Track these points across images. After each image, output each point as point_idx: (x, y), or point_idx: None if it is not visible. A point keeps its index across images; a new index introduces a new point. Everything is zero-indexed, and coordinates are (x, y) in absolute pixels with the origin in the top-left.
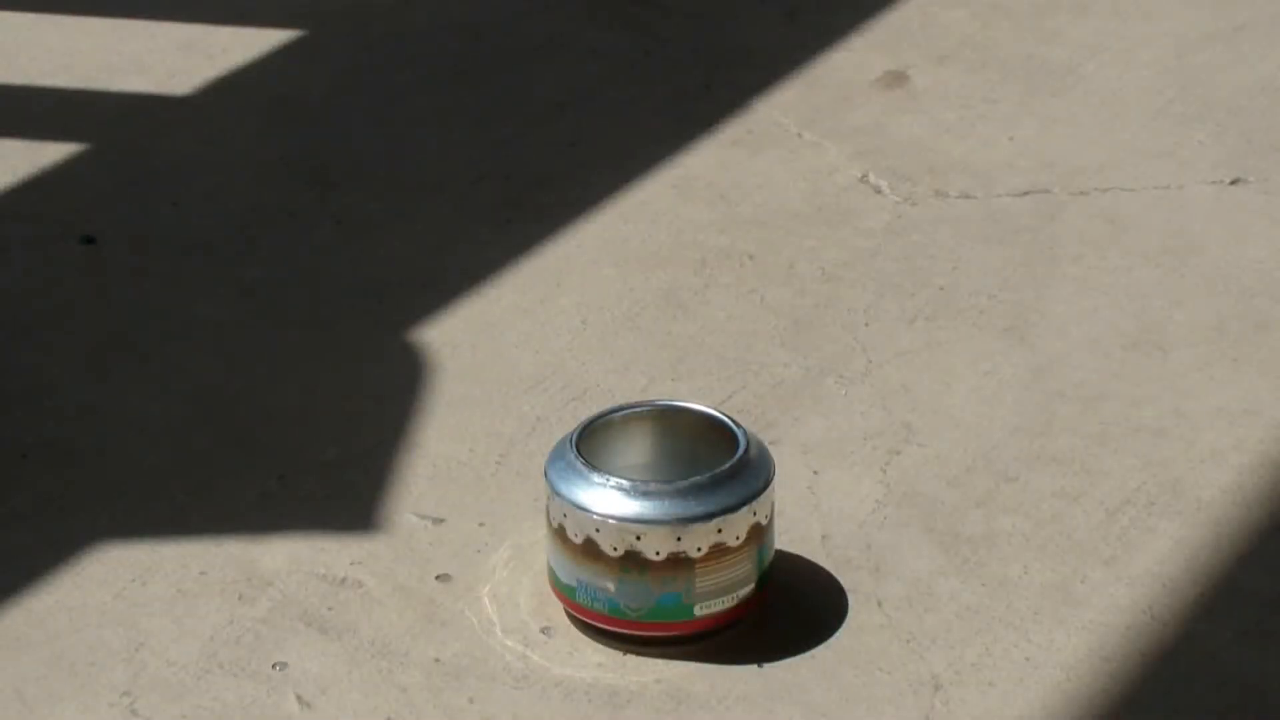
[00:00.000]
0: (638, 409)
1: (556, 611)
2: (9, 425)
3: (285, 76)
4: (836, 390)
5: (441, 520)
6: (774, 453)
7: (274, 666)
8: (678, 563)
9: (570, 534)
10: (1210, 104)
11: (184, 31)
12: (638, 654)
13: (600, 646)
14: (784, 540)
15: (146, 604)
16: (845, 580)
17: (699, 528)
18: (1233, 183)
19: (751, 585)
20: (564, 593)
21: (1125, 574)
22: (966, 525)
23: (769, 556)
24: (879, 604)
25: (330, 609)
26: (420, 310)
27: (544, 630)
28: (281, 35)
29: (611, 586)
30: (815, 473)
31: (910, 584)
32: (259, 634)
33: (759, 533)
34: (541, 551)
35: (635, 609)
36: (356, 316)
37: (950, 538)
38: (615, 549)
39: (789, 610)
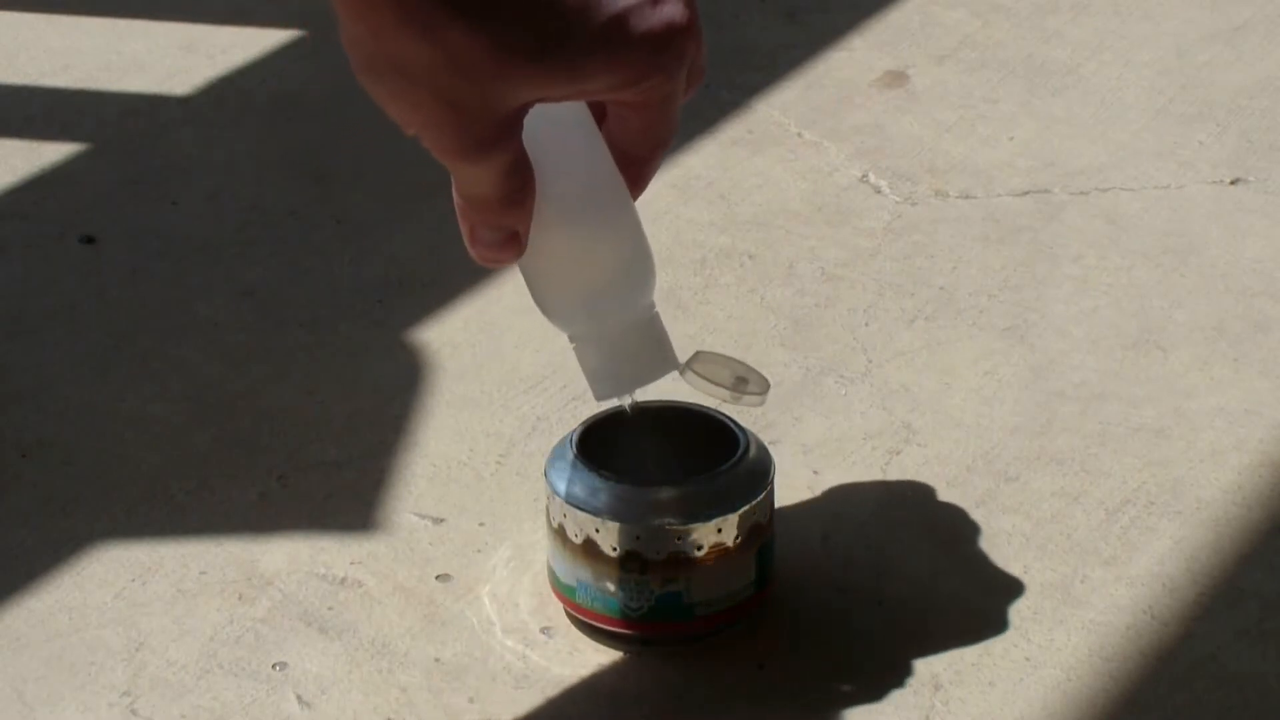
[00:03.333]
0: (639, 408)
1: (556, 611)
2: (9, 425)
3: (285, 76)
4: (836, 390)
5: (441, 520)
6: (774, 453)
7: (274, 666)
8: (678, 563)
9: (570, 534)
10: (1210, 104)
11: (184, 31)
12: (638, 654)
13: (600, 646)
14: (784, 540)
15: (146, 604)
16: (845, 580)
17: (699, 528)
18: (1233, 183)
19: (751, 585)
20: (564, 593)
21: (1125, 574)
22: (966, 525)
23: (769, 556)
24: (879, 604)
25: (330, 609)
26: (420, 310)
27: (544, 630)
28: (281, 35)
29: (611, 586)
30: (815, 473)
31: (911, 584)
32: (259, 634)
33: (759, 533)
34: (541, 551)
35: (635, 609)
36: (356, 316)
37: (950, 538)
38: (615, 549)
39: (789, 610)
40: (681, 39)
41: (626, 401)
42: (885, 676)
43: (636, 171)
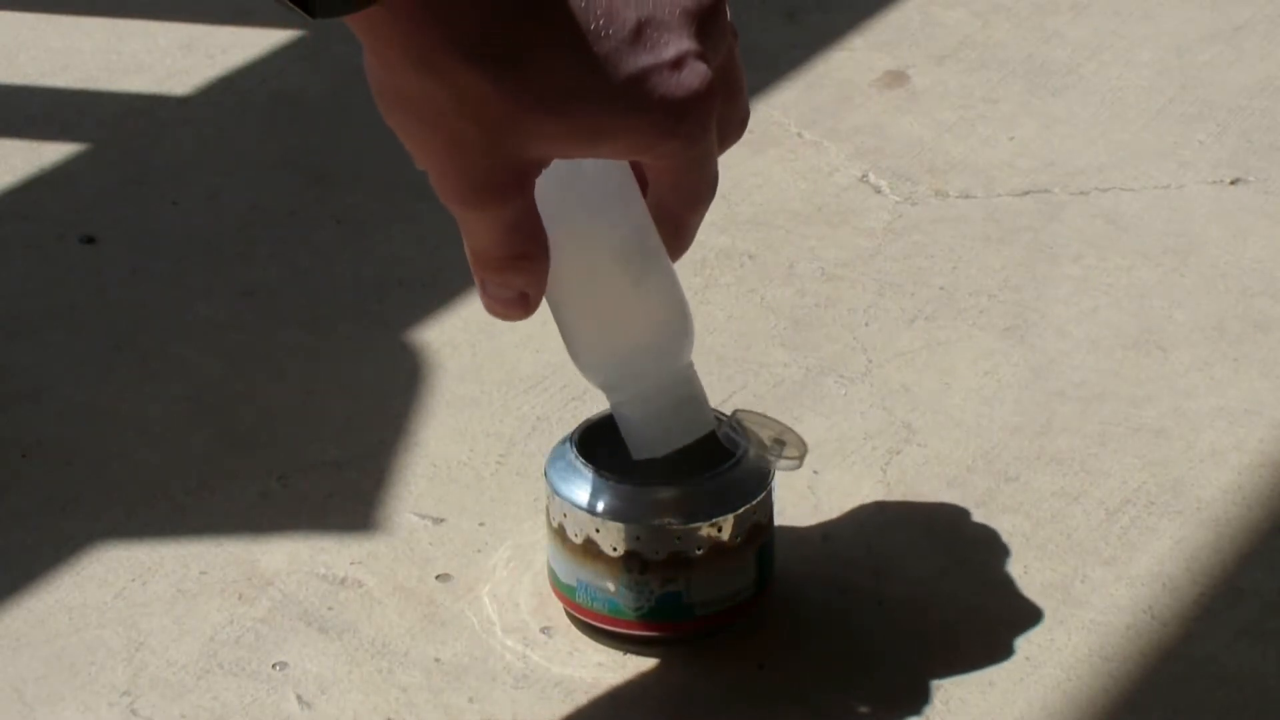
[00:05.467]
0: None
1: (556, 611)
2: (9, 425)
3: (285, 76)
4: (836, 390)
5: (441, 520)
6: None
7: (274, 666)
8: (678, 563)
9: (570, 534)
10: (1210, 104)
11: (184, 31)
12: (638, 654)
13: (600, 646)
14: (784, 540)
15: (146, 604)
16: (845, 580)
17: (699, 528)
18: (1233, 183)
19: (752, 586)
20: (564, 593)
21: (1125, 574)
22: (966, 525)
23: (770, 556)
24: (879, 604)
25: (330, 609)
26: (420, 310)
27: (544, 630)
28: (281, 35)
29: (611, 586)
30: (815, 473)
31: (911, 584)
32: (259, 634)
33: (759, 533)
34: (541, 551)
35: (635, 609)
36: (356, 316)
37: (950, 538)
38: (615, 549)
39: (789, 610)
40: (702, 107)
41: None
42: (885, 677)
43: (673, 228)
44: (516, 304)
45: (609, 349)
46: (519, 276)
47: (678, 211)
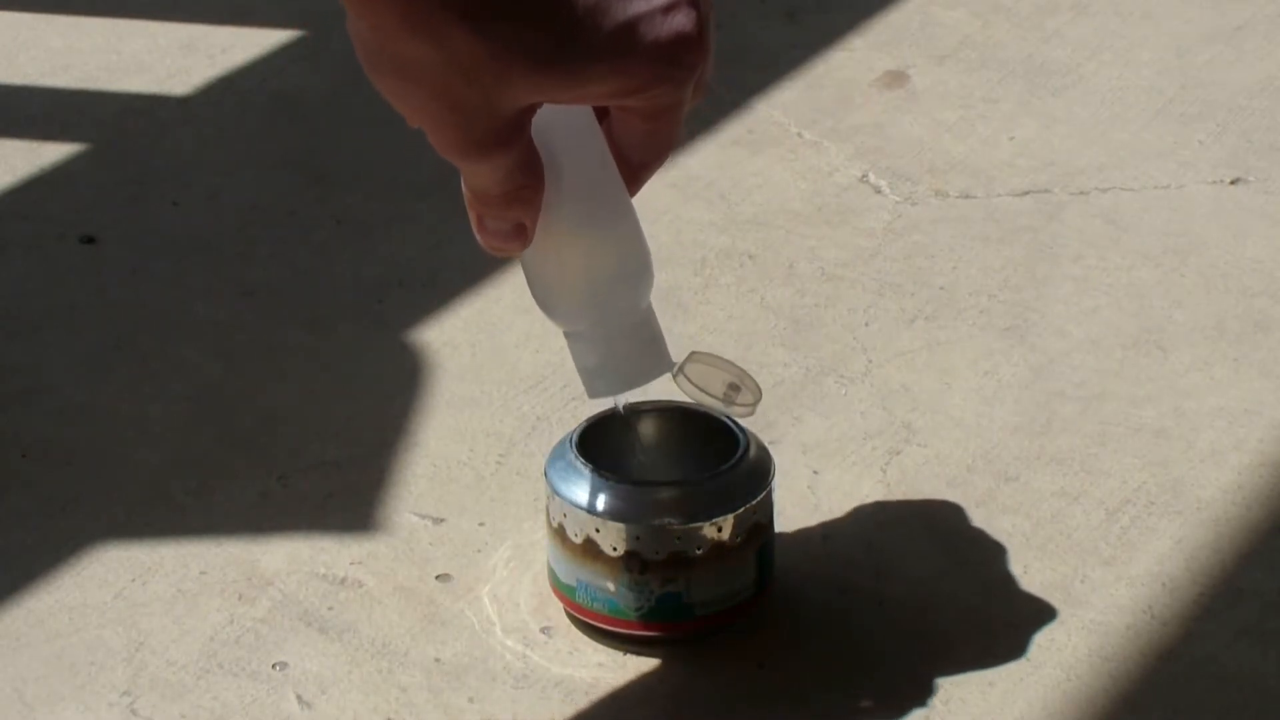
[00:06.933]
0: (638, 409)
1: (556, 611)
2: (9, 425)
3: (285, 76)
4: (836, 390)
5: (441, 520)
6: (774, 453)
7: (274, 666)
8: (678, 563)
9: (570, 534)
10: (1210, 104)
11: (184, 31)
12: (638, 654)
13: (600, 646)
14: (784, 540)
15: (146, 604)
16: (845, 580)
17: (699, 528)
18: (1233, 183)
19: (752, 585)
20: (564, 593)
21: (1125, 574)
22: (966, 525)
23: (770, 556)
24: (879, 604)
25: (330, 609)
26: (420, 310)
27: (544, 630)
28: (281, 35)
29: (611, 586)
30: (815, 473)
31: (911, 584)
32: (259, 634)
33: (759, 532)
34: (541, 551)
35: (635, 609)
36: (356, 316)
37: (950, 538)
38: (615, 549)
39: (789, 610)
40: (690, 51)
41: (620, 402)
42: (885, 676)
43: (634, 174)
44: (514, 236)
45: (572, 289)
46: (518, 209)
47: (642, 159)
